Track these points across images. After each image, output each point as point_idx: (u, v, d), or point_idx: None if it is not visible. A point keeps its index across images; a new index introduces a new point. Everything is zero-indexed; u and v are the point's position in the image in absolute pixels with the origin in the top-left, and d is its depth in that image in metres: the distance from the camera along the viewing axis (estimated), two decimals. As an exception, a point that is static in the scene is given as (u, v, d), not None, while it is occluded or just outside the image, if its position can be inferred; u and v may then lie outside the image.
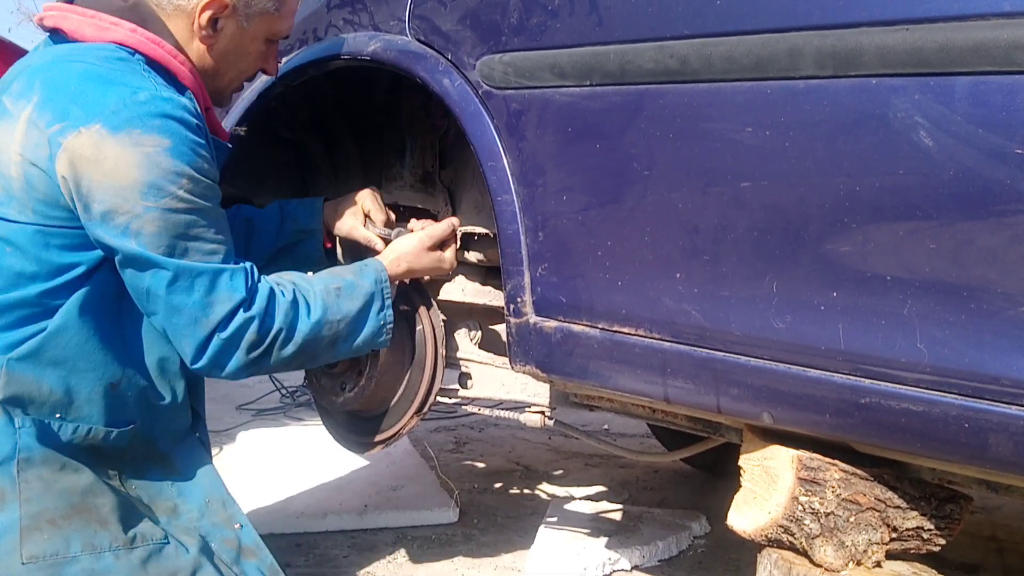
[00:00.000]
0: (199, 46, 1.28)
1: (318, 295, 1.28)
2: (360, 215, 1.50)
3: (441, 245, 1.47)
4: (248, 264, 1.23)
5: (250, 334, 1.20)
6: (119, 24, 1.22)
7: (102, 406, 1.23)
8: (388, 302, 1.36)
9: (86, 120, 1.11)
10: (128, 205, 1.11)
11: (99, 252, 1.18)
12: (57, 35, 1.26)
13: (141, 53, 1.22)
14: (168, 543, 1.25)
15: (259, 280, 1.24)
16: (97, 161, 1.10)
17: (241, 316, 1.19)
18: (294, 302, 1.25)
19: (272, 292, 1.23)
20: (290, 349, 1.24)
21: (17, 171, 1.15)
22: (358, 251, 1.56)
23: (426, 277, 1.51)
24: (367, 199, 1.50)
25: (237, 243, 1.33)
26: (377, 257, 1.43)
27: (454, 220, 1.51)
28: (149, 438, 1.32)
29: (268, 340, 1.22)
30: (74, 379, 1.20)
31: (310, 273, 1.35)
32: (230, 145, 1.39)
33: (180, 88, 1.24)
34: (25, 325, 1.17)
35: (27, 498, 1.14)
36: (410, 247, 1.43)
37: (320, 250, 1.59)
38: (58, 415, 1.19)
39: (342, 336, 1.30)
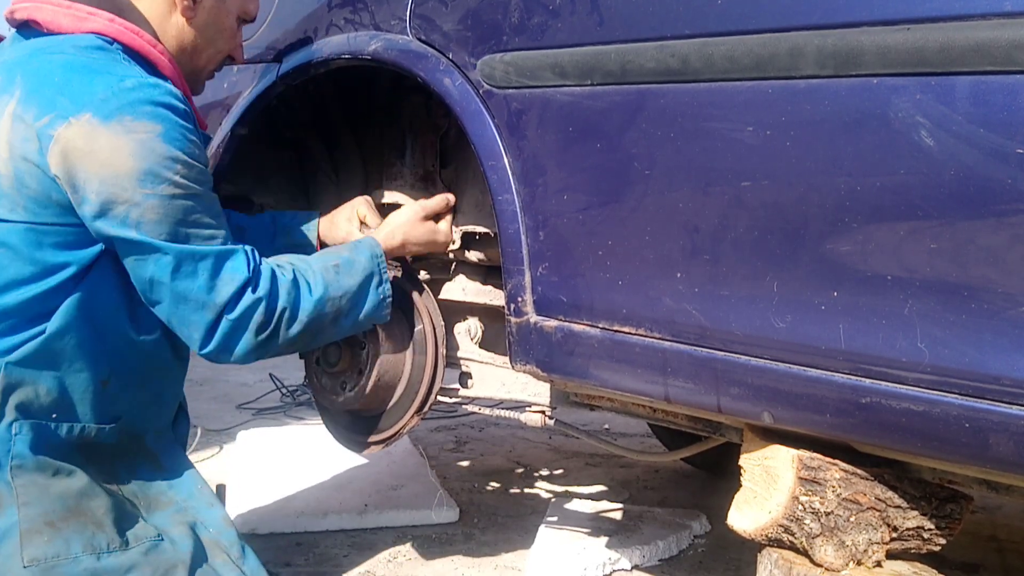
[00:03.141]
0: (179, 20, 1.29)
1: (317, 273, 1.29)
2: (355, 220, 1.51)
3: (436, 218, 1.49)
4: (248, 246, 1.23)
5: (258, 315, 1.19)
6: (96, 14, 1.21)
7: (93, 404, 1.23)
8: (386, 276, 1.36)
9: (75, 111, 1.10)
10: (126, 194, 1.11)
11: (94, 250, 1.17)
12: (29, 29, 1.24)
13: (119, 42, 1.22)
14: (162, 540, 1.25)
15: (260, 262, 1.24)
16: (91, 152, 1.09)
17: (248, 297, 1.19)
18: (295, 281, 1.25)
19: (273, 272, 1.24)
20: (296, 328, 1.24)
21: (6, 168, 1.13)
22: None
23: (422, 251, 1.49)
24: (362, 204, 1.52)
25: None
26: (371, 232, 1.44)
27: (449, 196, 1.52)
28: (136, 434, 1.33)
29: (275, 320, 1.22)
30: (69, 379, 1.20)
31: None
32: (210, 136, 1.41)
33: (160, 77, 1.24)
34: (23, 329, 1.16)
35: (25, 502, 1.14)
36: (404, 218, 1.45)
37: None
38: (54, 415, 1.19)
39: (344, 312, 1.31)
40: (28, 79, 1.14)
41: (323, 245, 1.55)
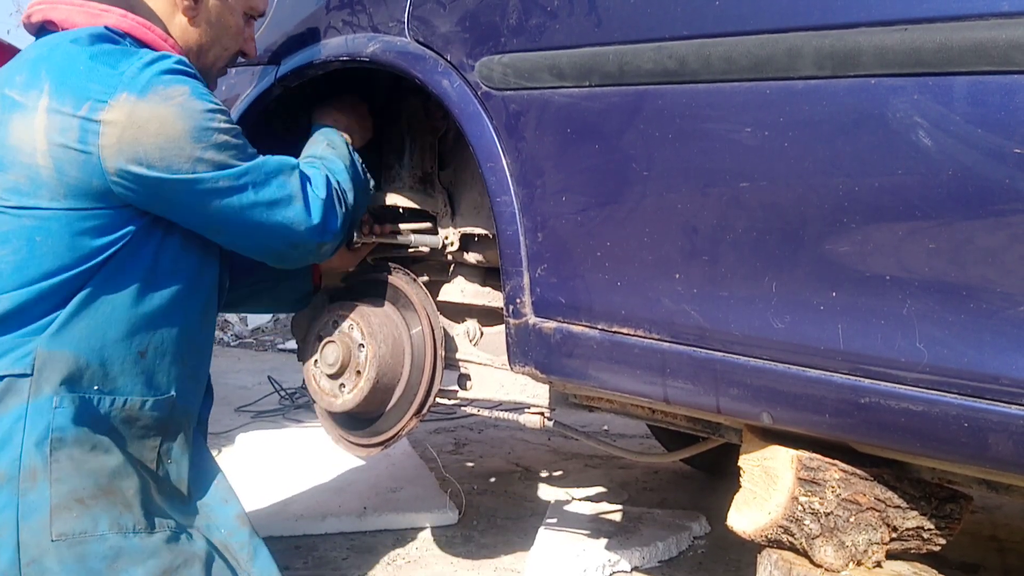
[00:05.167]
0: (181, 19, 1.35)
1: (325, 154, 1.45)
2: None
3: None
4: None
5: (333, 188, 1.38)
6: (109, 11, 1.27)
7: (134, 375, 1.26)
8: (352, 150, 1.52)
9: (110, 93, 1.16)
10: (187, 152, 1.19)
11: (128, 230, 1.22)
12: (45, 32, 1.29)
13: (132, 36, 1.28)
14: (181, 532, 1.28)
15: None
16: (140, 126, 1.16)
17: (317, 174, 1.37)
18: (320, 164, 1.42)
19: (309, 164, 1.40)
20: (350, 195, 1.42)
21: (45, 159, 1.17)
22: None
23: (349, 110, 1.58)
24: None
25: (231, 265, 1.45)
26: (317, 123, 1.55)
27: None
28: (180, 413, 1.35)
29: (338, 192, 1.39)
30: (108, 350, 1.23)
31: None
32: None
33: None
34: (59, 307, 1.19)
35: (57, 478, 1.16)
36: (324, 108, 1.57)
37: (308, 285, 1.66)
38: (96, 387, 1.22)
39: (353, 178, 1.46)
40: (54, 73, 1.19)
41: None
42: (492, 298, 1.62)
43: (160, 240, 1.27)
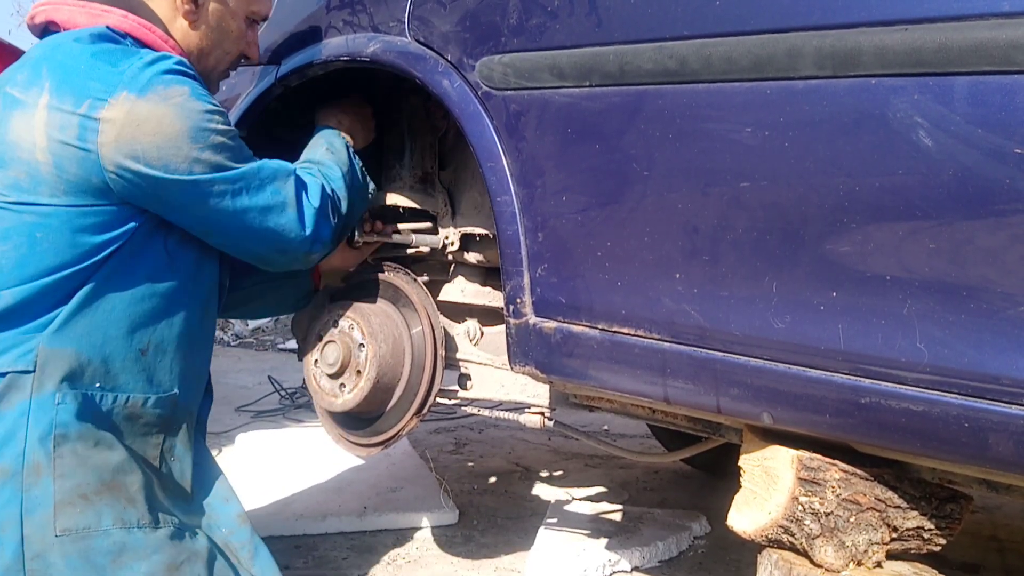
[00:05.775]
0: (182, 23, 1.36)
1: (324, 161, 1.46)
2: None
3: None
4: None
5: (327, 195, 1.38)
6: (110, 11, 1.29)
7: (135, 372, 1.27)
8: (352, 154, 1.53)
9: (110, 92, 1.17)
10: (184, 152, 1.20)
11: (129, 227, 1.23)
12: (48, 33, 1.30)
13: (132, 37, 1.29)
14: (184, 529, 1.29)
15: None
16: (138, 125, 1.17)
17: (312, 182, 1.37)
18: (318, 171, 1.42)
19: (306, 169, 1.41)
20: (344, 204, 1.43)
21: (45, 156, 1.18)
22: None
23: (355, 115, 1.59)
24: None
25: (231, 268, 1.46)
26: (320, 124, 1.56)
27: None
28: (180, 410, 1.36)
29: (333, 198, 1.40)
30: (108, 347, 1.23)
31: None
32: None
33: None
34: (60, 305, 1.20)
35: (61, 473, 1.17)
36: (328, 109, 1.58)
37: (308, 285, 1.67)
38: (98, 384, 1.23)
39: (348, 183, 1.47)
40: (55, 71, 1.20)
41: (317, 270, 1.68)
42: (492, 298, 1.62)
43: (160, 238, 1.28)
